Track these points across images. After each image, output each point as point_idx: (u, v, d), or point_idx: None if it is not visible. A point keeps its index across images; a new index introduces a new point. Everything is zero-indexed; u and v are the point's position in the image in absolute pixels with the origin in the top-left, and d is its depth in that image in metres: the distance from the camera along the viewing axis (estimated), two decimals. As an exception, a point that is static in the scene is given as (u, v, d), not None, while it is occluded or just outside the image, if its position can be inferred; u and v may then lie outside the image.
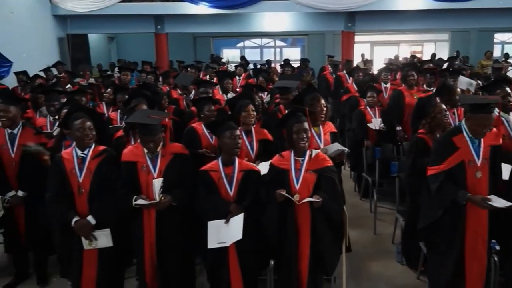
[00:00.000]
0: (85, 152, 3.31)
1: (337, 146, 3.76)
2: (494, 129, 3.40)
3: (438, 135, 3.81)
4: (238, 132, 3.36)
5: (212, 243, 3.16)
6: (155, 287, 3.33)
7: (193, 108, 5.35)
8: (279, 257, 3.35)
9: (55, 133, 4.50)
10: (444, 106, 4.03)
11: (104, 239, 3.24)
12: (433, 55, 13.12)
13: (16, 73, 8.78)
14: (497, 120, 3.79)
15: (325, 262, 3.34)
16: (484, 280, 3.31)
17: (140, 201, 3.19)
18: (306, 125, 3.30)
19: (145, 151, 3.32)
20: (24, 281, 4.26)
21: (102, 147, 3.41)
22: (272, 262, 3.42)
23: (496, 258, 3.36)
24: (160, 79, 8.05)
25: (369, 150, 5.77)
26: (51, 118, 5.00)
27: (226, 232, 3.16)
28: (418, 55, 14.35)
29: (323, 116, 4.05)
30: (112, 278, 3.42)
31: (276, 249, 3.33)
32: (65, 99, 5.06)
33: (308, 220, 3.23)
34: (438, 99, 4.65)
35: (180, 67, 11.06)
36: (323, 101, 4.09)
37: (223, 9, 12.63)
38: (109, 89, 5.93)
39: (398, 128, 5.97)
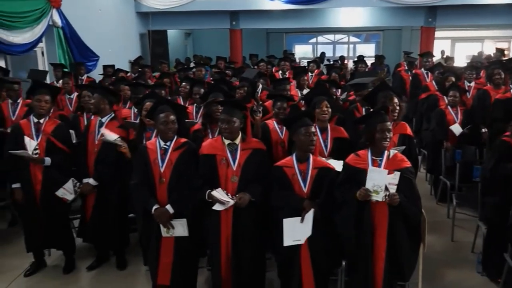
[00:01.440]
0: (168, 143, 3.44)
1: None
2: None
3: None
4: (313, 129, 3.34)
5: (288, 241, 3.18)
6: (229, 279, 3.39)
7: (267, 103, 5.40)
8: (352, 258, 3.29)
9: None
10: None
11: (180, 228, 3.36)
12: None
13: (104, 66, 9.35)
14: None
15: (402, 266, 3.22)
16: None
17: (216, 194, 3.25)
18: (389, 124, 3.22)
19: (226, 143, 3.38)
20: (104, 263, 4.55)
21: (183, 140, 3.52)
22: (344, 263, 3.37)
23: None
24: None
25: (449, 152, 5.49)
26: (135, 109, 5.25)
27: (300, 229, 3.16)
28: (506, 52, 13.37)
29: (395, 115, 3.93)
30: (187, 266, 3.53)
31: (350, 250, 3.26)
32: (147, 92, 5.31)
33: (386, 221, 3.13)
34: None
35: (252, 61, 11.19)
36: (396, 100, 3.97)
37: (297, 5, 12.58)
38: (184, 83, 6.12)
39: (483, 130, 5.63)
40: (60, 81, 7.26)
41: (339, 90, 6.75)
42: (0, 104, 5.51)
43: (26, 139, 4.02)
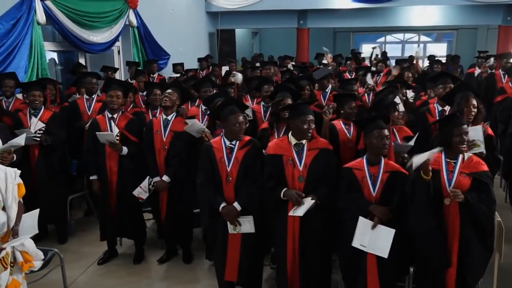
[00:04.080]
0: (233, 142, 3.50)
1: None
2: None
3: None
4: (386, 132, 3.27)
5: (356, 242, 3.14)
6: (294, 279, 3.41)
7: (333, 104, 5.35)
8: (425, 265, 3.20)
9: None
10: None
11: (247, 225, 3.43)
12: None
13: (174, 65, 9.69)
14: None
15: (469, 269, 3.09)
16: None
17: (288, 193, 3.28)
18: (466, 128, 3.13)
19: (292, 143, 3.39)
20: (173, 257, 4.73)
21: (248, 138, 3.57)
22: (412, 270, 3.29)
23: None
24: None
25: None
26: (203, 107, 5.40)
27: (371, 237, 3.10)
28: None
29: (471, 117, 3.77)
30: (253, 263, 3.59)
31: (426, 255, 3.17)
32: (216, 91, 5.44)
33: (458, 224, 3.06)
34: None
35: (319, 60, 11.09)
36: (474, 102, 3.80)
37: (365, 3, 12.32)
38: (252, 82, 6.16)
39: None
40: (134, 80, 7.58)
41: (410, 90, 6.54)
42: (77, 100, 5.86)
43: (112, 124, 4.33)
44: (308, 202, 3.23)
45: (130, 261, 4.68)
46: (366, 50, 17.37)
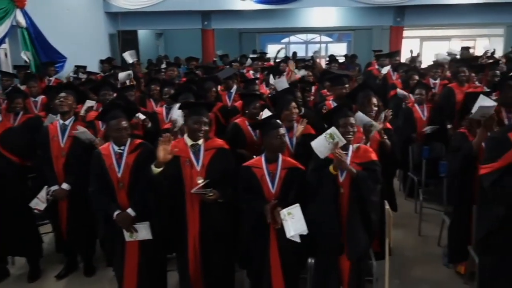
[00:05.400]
0: (122, 147, 3.39)
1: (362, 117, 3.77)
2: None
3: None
4: (283, 131, 3.36)
5: (291, 233, 3.09)
6: (199, 280, 3.37)
7: (237, 103, 5.39)
8: (324, 253, 3.34)
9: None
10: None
11: (144, 231, 3.33)
12: (493, 51, 12.55)
13: (77, 67, 9.16)
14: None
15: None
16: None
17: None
18: (352, 119, 3.30)
19: (189, 144, 3.35)
20: (74, 271, 4.44)
21: (138, 141, 3.48)
22: (310, 260, 3.41)
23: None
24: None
25: (417, 148, 5.59)
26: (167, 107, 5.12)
27: (292, 222, 3.09)
28: (471, 51, 13.74)
29: (372, 114, 4.01)
30: (154, 270, 3.50)
31: (327, 244, 3.30)
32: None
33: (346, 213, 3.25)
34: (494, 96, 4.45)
35: (224, 61, 11.15)
36: (374, 100, 4.05)
37: (268, 5, 12.64)
38: (153, 85, 5.98)
39: (449, 126, 5.76)
40: (24, 85, 7.03)
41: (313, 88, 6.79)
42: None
43: None
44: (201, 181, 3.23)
45: (24, 280, 4.31)
46: (272, 50, 17.82)
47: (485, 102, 3.40)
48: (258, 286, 3.42)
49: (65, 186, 4.06)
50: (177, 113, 3.97)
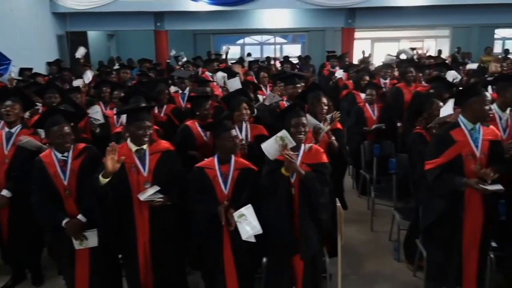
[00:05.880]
0: (65, 154, 3.27)
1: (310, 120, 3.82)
2: (492, 126, 3.38)
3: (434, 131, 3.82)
4: (234, 132, 3.35)
5: (245, 235, 3.09)
6: (150, 286, 3.31)
7: (189, 105, 5.33)
8: (275, 253, 3.35)
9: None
10: (441, 103, 4.02)
11: (94, 238, 3.24)
12: (439, 51, 13.10)
13: (22, 70, 8.77)
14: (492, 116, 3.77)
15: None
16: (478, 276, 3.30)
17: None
18: (304, 119, 3.32)
19: (133, 149, 3.26)
20: (22, 281, 4.25)
21: (82, 145, 3.37)
22: (265, 259, 3.42)
23: (492, 255, 3.34)
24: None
25: (368, 146, 5.73)
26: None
27: (247, 224, 3.09)
28: (420, 51, 14.30)
29: (323, 114, 4.07)
30: (107, 276, 3.41)
31: (280, 242, 3.30)
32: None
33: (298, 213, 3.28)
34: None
35: (177, 62, 10.98)
36: (325, 100, 4.10)
37: (223, 6, 12.61)
38: (104, 87, 5.84)
39: (398, 124, 5.94)
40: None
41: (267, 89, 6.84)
42: None
43: None
44: (154, 188, 3.16)
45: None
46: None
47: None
48: (213, 287, 3.39)
49: (5, 192, 3.86)
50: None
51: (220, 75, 6.58)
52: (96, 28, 14.16)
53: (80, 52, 8.84)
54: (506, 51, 12.98)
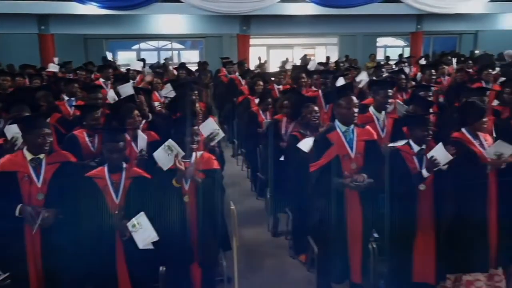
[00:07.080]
0: None
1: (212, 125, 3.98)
2: (368, 126, 3.69)
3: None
4: (122, 144, 3.22)
5: (141, 243, 3.03)
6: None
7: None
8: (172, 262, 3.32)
9: None
10: (316, 108, 4.28)
11: None
12: (327, 58, 13.92)
13: None
14: (370, 117, 4.13)
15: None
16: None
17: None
18: (197, 129, 3.43)
19: (28, 158, 3.08)
20: None
21: None
22: (162, 268, 3.35)
23: (374, 245, 3.63)
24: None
25: (263, 149, 5.87)
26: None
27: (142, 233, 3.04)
28: (312, 58, 15.09)
29: (200, 118, 4.16)
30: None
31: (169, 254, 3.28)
32: None
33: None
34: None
35: (67, 69, 10.33)
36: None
37: (114, 10, 12.15)
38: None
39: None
40: None
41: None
42: None
43: None
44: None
45: None
46: (123, 57, 17.19)
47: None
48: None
49: None
50: (13, 130, 3.57)
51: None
52: (-31, 30, 12.80)
53: None
54: (387, 58, 14.29)
